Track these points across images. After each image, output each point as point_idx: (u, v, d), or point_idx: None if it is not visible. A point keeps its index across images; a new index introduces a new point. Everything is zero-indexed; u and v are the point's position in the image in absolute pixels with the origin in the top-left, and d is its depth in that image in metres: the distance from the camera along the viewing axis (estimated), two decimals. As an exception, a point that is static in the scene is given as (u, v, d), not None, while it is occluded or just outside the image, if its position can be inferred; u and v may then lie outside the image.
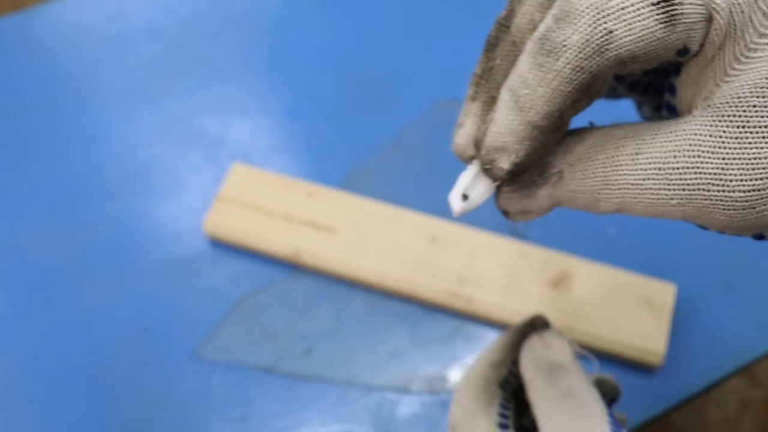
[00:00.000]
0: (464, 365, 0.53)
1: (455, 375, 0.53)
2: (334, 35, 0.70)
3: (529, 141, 0.23)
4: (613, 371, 0.52)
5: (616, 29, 0.21)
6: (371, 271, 0.55)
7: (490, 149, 0.23)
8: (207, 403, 0.52)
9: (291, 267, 0.57)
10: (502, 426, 0.29)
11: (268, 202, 0.57)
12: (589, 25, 0.21)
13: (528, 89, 0.22)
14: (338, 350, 0.53)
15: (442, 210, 0.58)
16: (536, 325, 0.32)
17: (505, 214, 0.26)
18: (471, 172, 0.25)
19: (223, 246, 0.58)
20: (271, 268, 0.57)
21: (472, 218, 0.57)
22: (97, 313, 0.55)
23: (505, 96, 0.23)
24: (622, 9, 0.21)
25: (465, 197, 0.25)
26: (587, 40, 0.22)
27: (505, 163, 0.23)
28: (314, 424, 0.51)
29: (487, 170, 0.24)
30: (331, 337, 0.54)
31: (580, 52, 0.22)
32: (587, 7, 0.21)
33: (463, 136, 0.25)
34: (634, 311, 0.52)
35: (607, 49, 0.22)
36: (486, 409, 0.30)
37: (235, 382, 0.52)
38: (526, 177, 0.24)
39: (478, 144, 0.24)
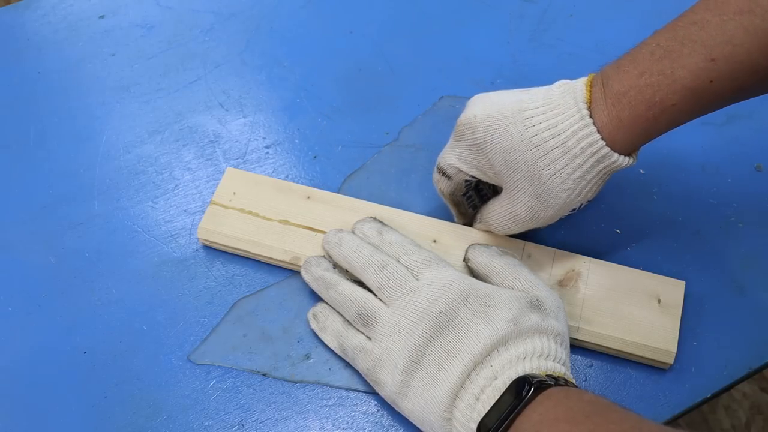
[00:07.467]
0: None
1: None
2: (332, 31, 0.69)
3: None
4: (623, 372, 0.51)
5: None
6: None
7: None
8: (202, 408, 0.50)
9: (288, 269, 0.55)
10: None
11: (263, 207, 0.56)
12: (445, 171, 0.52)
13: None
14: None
15: (443, 211, 0.57)
16: None
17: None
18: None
19: (218, 247, 0.57)
20: (268, 270, 0.56)
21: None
22: (89, 316, 0.54)
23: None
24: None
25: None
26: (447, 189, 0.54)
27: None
28: (312, 430, 0.50)
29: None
30: (329, 340, 0.53)
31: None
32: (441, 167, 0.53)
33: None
34: (643, 309, 0.51)
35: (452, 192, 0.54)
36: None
37: (230, 387, 0.51)
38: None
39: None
